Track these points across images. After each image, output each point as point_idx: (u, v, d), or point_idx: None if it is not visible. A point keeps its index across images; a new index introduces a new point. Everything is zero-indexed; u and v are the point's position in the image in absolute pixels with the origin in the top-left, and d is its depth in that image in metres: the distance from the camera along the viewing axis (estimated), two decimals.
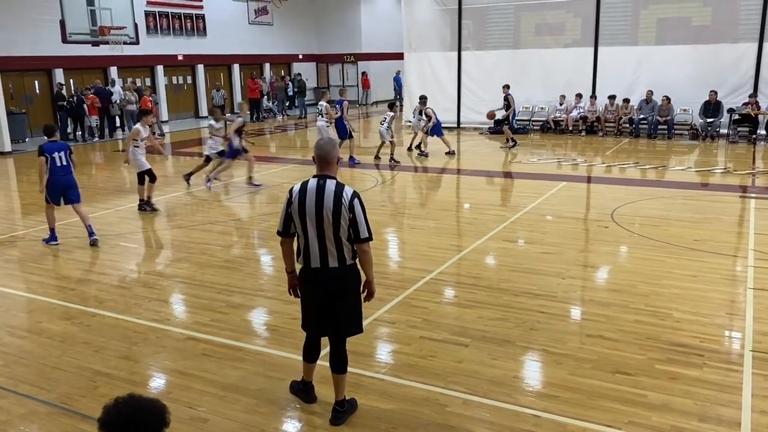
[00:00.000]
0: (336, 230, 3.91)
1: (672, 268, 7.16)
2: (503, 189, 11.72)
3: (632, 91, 18.71)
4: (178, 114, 26.76)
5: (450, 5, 21.56)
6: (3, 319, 6.21)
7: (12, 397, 4.65)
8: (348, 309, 4.12)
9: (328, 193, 3.90)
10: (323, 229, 3.91)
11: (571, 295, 6.51)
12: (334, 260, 3.97)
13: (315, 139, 3.90)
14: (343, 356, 4.20)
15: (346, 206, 3.90)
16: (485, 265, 7.64)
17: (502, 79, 20.71)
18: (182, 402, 4.49)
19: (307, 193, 3.94)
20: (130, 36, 23.50)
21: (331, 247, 3.94)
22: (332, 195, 3.90)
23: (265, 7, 30.13)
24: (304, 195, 3.95)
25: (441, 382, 4.70)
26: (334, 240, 3.93)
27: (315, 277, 4.04)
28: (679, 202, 10.54)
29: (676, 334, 5.41)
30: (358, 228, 3.94)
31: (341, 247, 3.96)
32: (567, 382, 4.67)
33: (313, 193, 3.93)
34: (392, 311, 6.09)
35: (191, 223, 9.80)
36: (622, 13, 19.48)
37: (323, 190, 3.91)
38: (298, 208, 3.95)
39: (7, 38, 19.38)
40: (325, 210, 3.89)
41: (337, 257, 3.96)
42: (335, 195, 3.90)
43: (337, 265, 3.98)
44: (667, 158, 15.24)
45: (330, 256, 3.96)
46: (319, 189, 3.92)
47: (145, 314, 6.18)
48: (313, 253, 3.97)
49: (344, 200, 3.90)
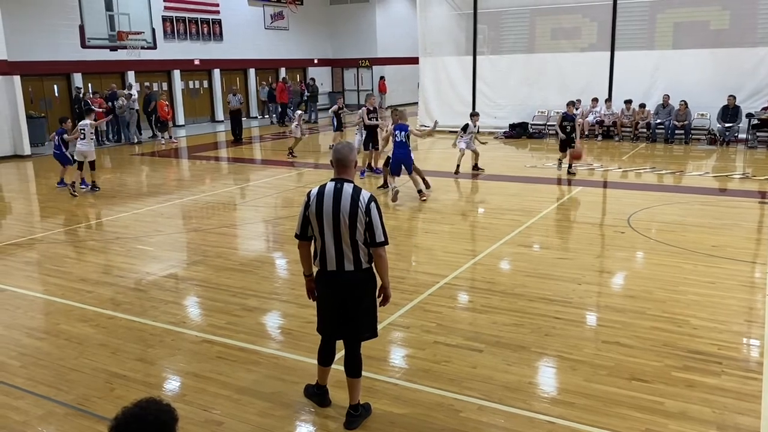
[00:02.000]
0: (352, 234, 3.93)
1: (689, 274, 7.09)
2: (518, 193, 11.67)
3: (649, 96, 18.57)
4: (194, 118, 26.97)
5: (465, 10, 21.57)
6: (22, 321, 6.29)
7: (30, 398, 4.70)
8: (363, 313, 4.12)
9: (345, 197, 3.93)
10: (340, 232, 3.93)
11: (587, 300, 6.47)
12: (350, 264, 3.99)
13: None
14: (358, 360, 4.20)
15: (362, 210, 3.92)
16: (500, 270, 7.62)
17: (518, 84, 20.73)
18: (197, 405, 4.52)
19: (325, 196, 3.97)
20: (148, 41, 23.75)
21: (347, 250, 3.96)
22: (349, 198, 3.92)
23: (281, 12, 30.31)
24: (321, 198, 3.98)
25: (455, 387, 4.68)
26: (350, 243, 3.95)
27: (331, 280, 4.06)
28: (697, 207, 10.43)
29: (693, 341, 5.36)
30: (374, 232, 3.96)
31: (357, 250, 3.97)
32: (582, 388, 4.64)
33: (330, 196, 3.95)
34: (406, 316, 6.08)
35: (207, 226, 9.87)
36: (638, 18, 19.37)
37: (340, 194, 3.94)
38: (315, 211, 3.98)
39: (28, 43, 19.65)
40: (341, 213, 3.91)
41: (353, 261, 3.98)
42: (352, 199, 3.93)
43: (353, 269, 4.00)
44: (685, 163, 15.11)
45: (346, 259, 3.98)
46: (336, 192, 3.95)
47: (161, 317, 6.22)
48: (329, 256, 4.00)
49: (361, 204, 3.92)
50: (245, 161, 17.47)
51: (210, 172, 16.10)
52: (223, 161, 17.89)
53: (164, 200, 11.78)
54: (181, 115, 26.01)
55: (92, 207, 11.50)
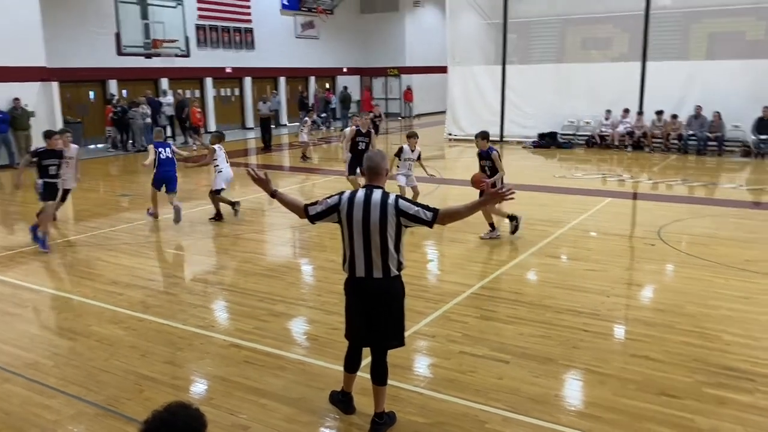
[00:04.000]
0: (383, 239, 3.94)
1: (721, 288, 6.95)
2: (546, 204, 11.57)
3: (681, 107, 18.30)
4: (225, 125, 27.29)
5: (495, 19, 21.55)
6: (56, 321, 6.43)
7: (62, 398, 4.80)
8: (391, 320, 4.13)
9: (374, 202, 3.97)
10: (369, 238, 3.95)
11: (616, 313, 6.39)
12: (379, 271, 4.00)
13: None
14: (384, 368, 4.21)
15: (393, 213, 3.94)
16: (527, 280, 7.56)
17: (547, 93, 20.61)
18: (224, 408, 4.57)
19: (355, 204, 4.00)
20: (182, 48, 24.14)
21: (376, 257, 3.97)
22: (378, 203, 3.96)
23: (312, 21, 30.61)
24: (351, 204, 4.01)
25: (481, 398, 4.66)
26: (380, 250, 3.96)
27: (359, 287, 4.09)
28: (730, 220, 10.24)
29: (725, 357, 5.25)
30: (420, 216, 3.94)
31: (387, 257, 3.99)
32: (610, 402, 4.58)
33: (360, 202, 3.99)
34: (432, 325, 6.07)
35: (236, 232, 9.98)
36: (672, 28, 19.16)
37: (370, 200, 3.98)
38: (345, 216, 4.01)
39: (66, 50, 20.13)
40: (372, 219, 3.94)
41: (381, 268, 4.00)
42: (381, 202, 3.96)
43: (381, 276, 4.01)
44: (717, 175, 14.85)
45: (375, 266, 3.99)
46: (366, 198, 3.99)
47: (189, 320, 6.31)
48: (358, 262, 4.02)
49: (389, 207, 3.95)
50: (274, 168, 17.62)
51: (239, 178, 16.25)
52: (252, 168, 18.03)
53: (194, 205, 11.95)
54: (213, 121, 26.36)
55: (125, 211, 11.71)
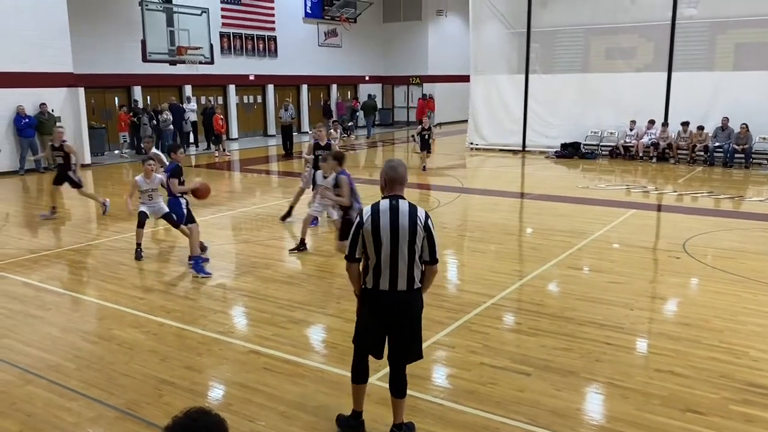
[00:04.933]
0: (411, 250, 3.91)
1: (749, 303, 6.81)
2: (569, 214, 11.46)
3: (707, 118, 18.04)
4: (247, 132, 27.56)
5: (518, 28, 21.49)
6: (77, 325, 6.48)
7: (82, 400, 4.83)
8: (413, 334, 4.09)
9: (402, 213, 3.92)
10: (397, 249, 3.91)
11: (639, 327, 6.28)
12: (404, 282, 3.96)
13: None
14: (404, 381, 4.16)
15: (421, 226, 3.92)
16: (549, 292, 7.47)
17: (571, 103, 20.49)
18: (242, 415, 4.56)
19: (381, 213, 3.95)
20: (206, 56, 24.43)
21: (403, 268, 3.93)
22: (407, 214, 3.92)
23: (335, 29, 30.79)
24: (377, 216, 3.95)
25: (501, 410, 4.59)
26: (408, 260, 3.93)
27: (383, 299, 4.02)
28: (757, 234, 10.04)
29: (753, 374, 5.13)
30: (434, 248, 3.99)
31: (413, 268, 3.95)
32: (634, 417, 4.49)
33: (387, 213, 3.93)
34: (452, 335, 6.02)
35: (256, 238, 10.01)
36: (697, 38, 18.92)
37: (397, 210, 3.93)
38: (372, 229, 3.94)
39: (92, 57, 20.45)
40: (401, 230, 3.90)
41: (407, 279, 3.96)
42: (410, 214, 3.92)
43: (405, 288, 3.97)
44: (745, 188, 14.60)
45: (400, 277, 3.95)
46: (393, 209, 3.94)
47: (209, 326, 6.32)
48: (383, 274, 3.96)
49: (419, 220, 3.93)
50: (294, 175, 17.67)
51: (260, 185, 16.39)
52: (273, 174, 18.18)
53: (216, 211, 12.02)
54: (235, 128, 26.60)
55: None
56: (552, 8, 20.98)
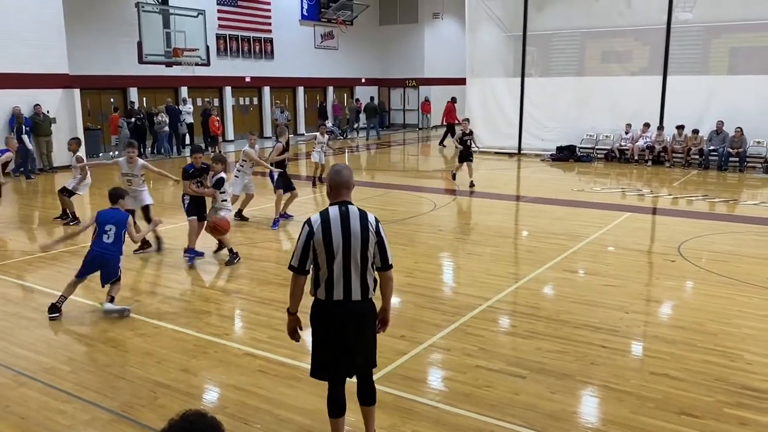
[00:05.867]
0: (364, 257, 3.76)
1: (743, 306, 6.83)
2: (564, 217, 11.48)
3: (702, 122, 18.13)
4: (243, 134, 27.49)
5: (514, 32, 21.55)
6: (73, 327, 6.46)
7: (77, 403, 4.81)
8: (372, 344, 3.98)
9: (353, 219, 3.77)
10: (350, 257, 3.74)
11: (635, 330, 6.29)
12: (357, 293, 3.80)
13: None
14: (373, 387, 4.07)
15: (373, 231, 3.79)
16: (544, 295, 7.49)
17: (566, 106, 20.56)
18: (238, 417, 4.55)
19: (331, 221, 3.76)
20: (202, 57, 24.38)
21: (355, 277, 3.77)
22: (358, 221, 3.77)
23: (331, 32, 30.82)
24: (327, 224, 3.75)
25: (497, 413, 4.60)
26: (360, 269, 3.77)
27: (336, 311, 3.81)
28: (751, 237, 10.08)
29: (747, 377, 5.15)
30: (386, 253, 3.84)
31: (366, 277, 3.81)
32: (629, 420, 4.50)
33: (337, 220, 3.76)
34: (447, 338, 6.02)
35: (252, 241, 10.00)
36: (693, 42, 19.01)
37: (348, 217, 3.77)
38: (322, 238, 3.73)
39: (88, 58, 20.44)
40: (353, 237, 3.74)
41: (360, 289, 3.80)
42: (361, 220, 3.78)
43: (360, 298, 3.81)
44: (739, 192, 14.66)
45: (353, 287, 3.78)
46: (343, 216, 3.77)
47: (204, 328, 6.31)
48: (336, 284, 3.77)
49: (371, 225, 3.80)
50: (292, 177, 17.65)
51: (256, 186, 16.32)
52: (268, 176, 18.08)
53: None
54: (231, 130, 26.57)
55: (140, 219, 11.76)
56: (548, 12, 21.06)
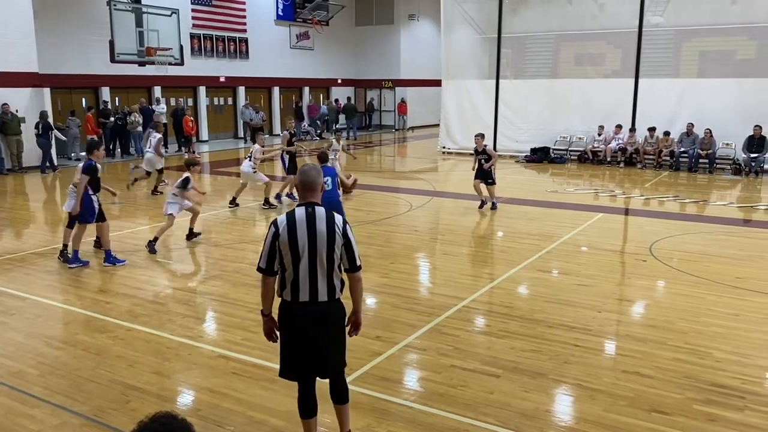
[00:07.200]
0: (330, 259, 3.74)
1: (712, 305, 6.96)
2: (538, 218, 11.59)
3: (673, 124, 18.45)
4: (217, 134, 27.31)
5: (489, 34, 21.69)
6: (41, 330, 6.34)
7: (46, 407, 4.72)
8: (340, 345, 3.95)
9: (319, 221, 3.73)
10: (316, 259, 3.71)
11: (607, 329, 6.37)
12: (324, 294, 3.76)
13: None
14: (345, 386, 4.06)
15: (339, 233, 3.75)
16: (518, 294, 7.54)
17: (540, 108, 20.77)
18: (211, 420, 4.51)
19: (297, 223, 3.72)
20: (176, 57, 24.15)
21: (321, 278, 3.74)
22: (324, 222, 3.73)
23: (307, 32, 30.72)
24: (293, 225, 3.71)
25: (471, 412, 4.62)
26: (326, 270, 3.74)
27: (303, 312, 3.77)
28: (721, 237, 10.28)
29: (716, 374, 5.24)
30: (353, 254, 3.80)
31: (332, 278, 3.78)
32: (601, 418, 4.55)
33: (303, 222, 3.72)
34: (423, 338, 6.04)
35: (226, 242, 9.92)
36: (663, 46, 19.33)
37: (314, 218, 3.73)
38: (288, 239, 3.69)
39: (59, 57, 20.09)
40: (318, 238, 3.70)
41: (327, 290, 3.77)
42: (327, 222, 3.74)
43: (327, 299, 3.78)
44: (708, 193, 14.94)
45: (320, 289, 3.75)
46: (309, 217, 3.73)
47: (177, 330, 6.24)
48: (302, 286, 3.74)
49: (337, 227, 3.76)
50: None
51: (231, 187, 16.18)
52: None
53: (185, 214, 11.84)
54: (205, 130, 26.33)
55: (114, 219, 11.61)
56: (522, 14, 21.24)
